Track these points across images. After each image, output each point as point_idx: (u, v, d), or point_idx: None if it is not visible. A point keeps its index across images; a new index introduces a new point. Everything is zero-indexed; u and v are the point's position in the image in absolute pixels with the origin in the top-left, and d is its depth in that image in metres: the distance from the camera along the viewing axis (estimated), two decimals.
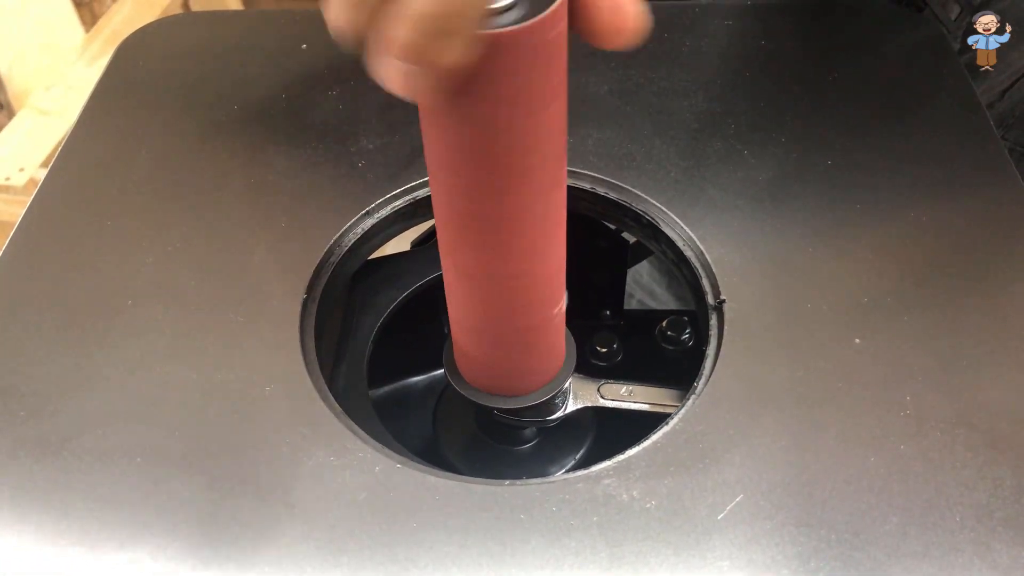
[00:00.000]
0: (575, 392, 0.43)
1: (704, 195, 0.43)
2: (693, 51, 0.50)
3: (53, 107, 1.25)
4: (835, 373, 0.36)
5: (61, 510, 0.33)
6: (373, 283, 0.46)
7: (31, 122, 1.22)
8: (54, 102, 1.26)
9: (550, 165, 0.29)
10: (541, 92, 0.26)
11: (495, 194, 0.29)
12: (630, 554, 0.31)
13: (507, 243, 0.31)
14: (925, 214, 0.41)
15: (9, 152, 1.17)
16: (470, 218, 0.30)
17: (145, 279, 0.40)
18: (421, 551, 0.31)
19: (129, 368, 0.37)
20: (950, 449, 0.33)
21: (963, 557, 0.31)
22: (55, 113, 1.24)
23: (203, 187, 0.44)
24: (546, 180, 0.29)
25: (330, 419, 0.35)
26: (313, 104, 0.48)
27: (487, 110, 0.26)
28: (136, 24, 1.49)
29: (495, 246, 0.31)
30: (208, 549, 0.32)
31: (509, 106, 0.26)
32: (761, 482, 0.33)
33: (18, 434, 0.35)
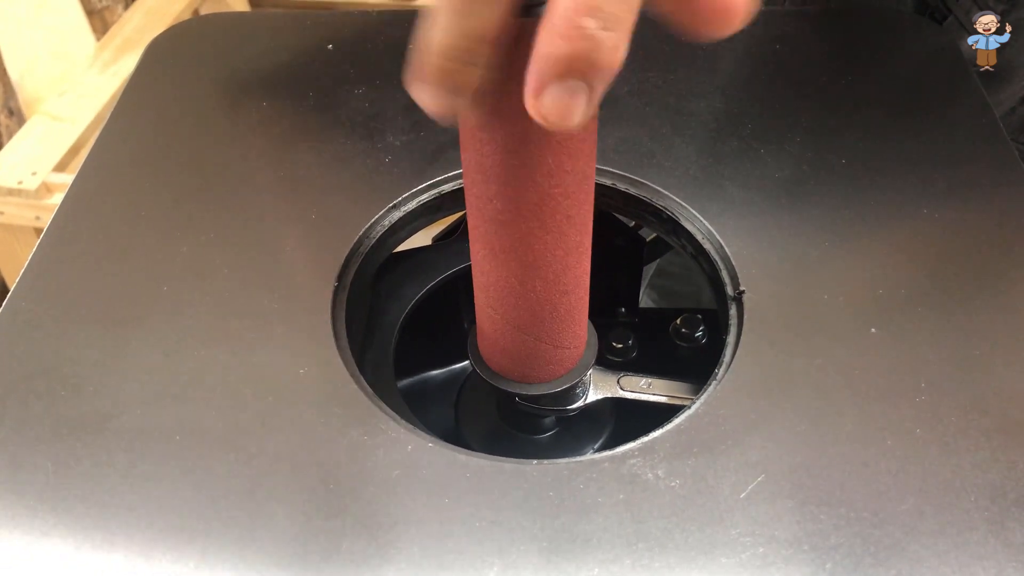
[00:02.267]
0: (595, 383, 0.44)
1: (722, 191, 0.44)
2: (709, 54, 0.51)
3: (66, 113, 1.26)
4: (852, 361, 0.37)
5: (103, 486, 0.34)
6: (398, 275, 0.48)
7: (44, 127, 1.24)
8: (67, 108, 1.27)
9: (584, 160, 0.30)
10: None
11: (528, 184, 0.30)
12: (656, 530, 0.32)
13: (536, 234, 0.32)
14: (937, 212, 0.42)
15: (22, 156, 1.18)
16: (503, 204, 0.31)
17: (179, 267, 0.41)
18: (454, 526, 0.32)
19: (166, 351, 0.38)
20: (964, 433, 0.34)
21: (978, 535, 0.32)
22: (68, 119, 1.25)
23: (234, 181, 0.45)
24: (577, 173, 0.30)
25: (362, 400, 0.36)
26: (340, 102, 0.49)
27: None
28: (147, 32, 1.51)
29: (525, 235, 0.32)
30: (246, 524, 0.33)
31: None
32: (781, 463, 0.34)
33: (60, 413, 0.36)
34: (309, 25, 0.55)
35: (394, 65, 0.51)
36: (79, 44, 1.47)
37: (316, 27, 0.54)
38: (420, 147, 0.46)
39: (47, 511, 0.33)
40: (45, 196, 1.15)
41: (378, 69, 0.51)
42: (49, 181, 1.15)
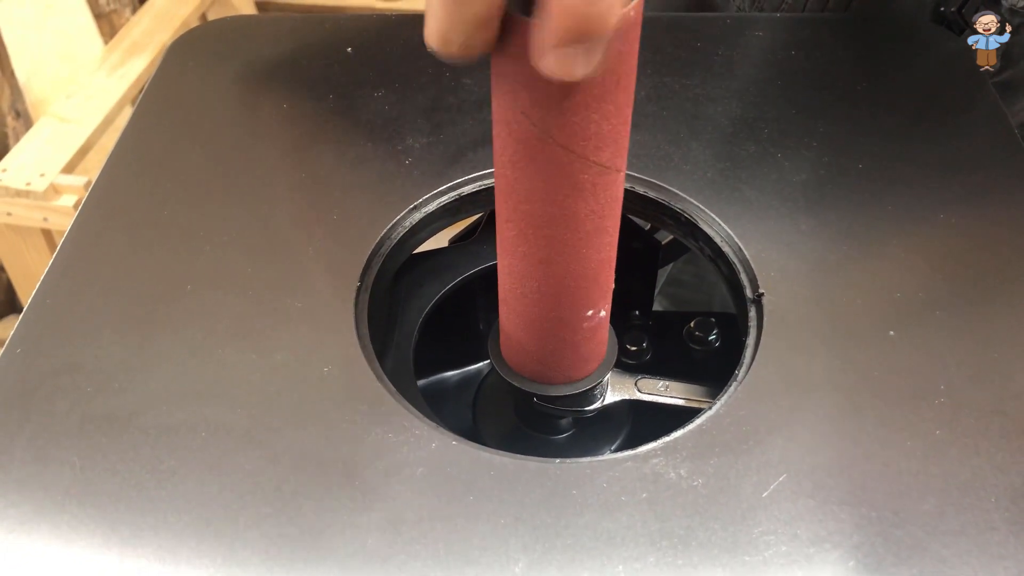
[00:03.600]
0: (613, 385, 0.44)
1: (740, 195, 0.44)
2: (725, 60, 0.52)
3: (73, 115, 1.27)
4: (871, 363, 0.37)
5: (130, 481, 0.34)
6: (417, 276, 0.48)
7: (52, 129, 1.24)
8: (75, 110, 1.27)
9: (622, 155, 0.31)
10: (634, 74, 0.28)
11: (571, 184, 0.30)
12: (679, 528, 0.33)
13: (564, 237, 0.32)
14: (954, 216, 0.43)
15: (31, 158, 1.18)
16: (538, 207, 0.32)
17: (203, 266, 0.42)
18: (479, 523, 0.33)
19: (191, 349, 0.38)
20: (984, 435, 0.35)
21: (998, 535, 0.32)
22: (76, 121, 1.26)
23: (256, 183, 0.46)
24: (614, 170, 0.31)
25: (387, 399, 0.36)
26: (360, 105, 0.50)
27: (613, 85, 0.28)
28: (156, 36, 1.51)
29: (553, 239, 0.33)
30: (273, 520, 0.33)
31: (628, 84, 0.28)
32: (803, 463, 0.34)
33: (86, 409, 0.36)
34: (328, 28, 0.55)
35: (413, 68, 0.52)
36: (86, 46, 1.48)
37: (335, 30, 0.55)
38: (440, 150, 0.47)
39: (74, 506, 0.33)
40: (53, 198, 1.15)
41: (397, 72, 0.51)
42: (57, 183, 1.15)
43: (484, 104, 0.49)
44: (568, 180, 0.30)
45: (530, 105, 0.28)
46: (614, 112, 0.29)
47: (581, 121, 0.28)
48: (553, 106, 0.28)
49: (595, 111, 0.28)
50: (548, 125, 0.28)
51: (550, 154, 0.29)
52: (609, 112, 0.29)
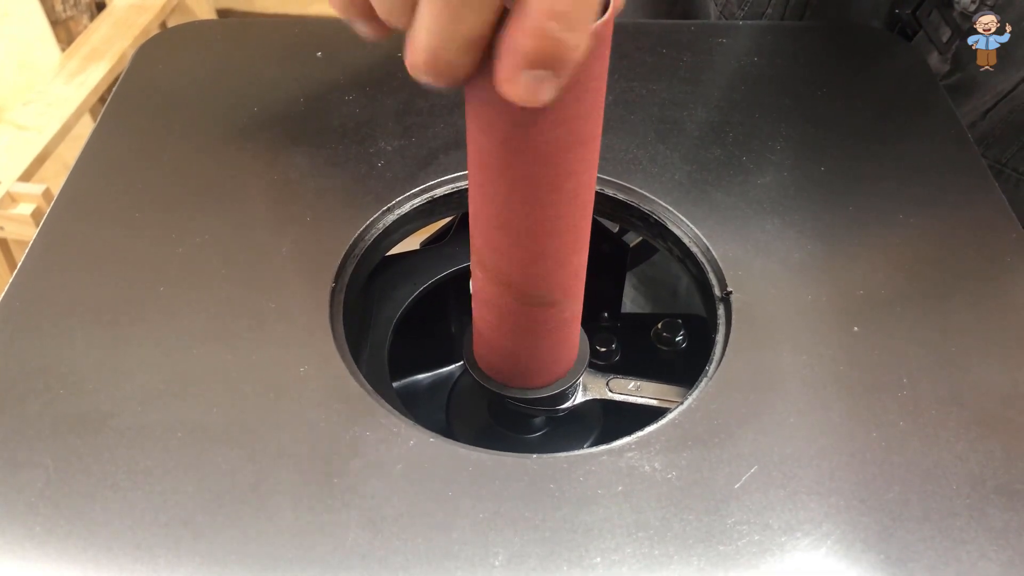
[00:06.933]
0: (585, 385, 0.45)
1: (707, 196, 0.45)
2: (691, 66, 0.53)
3: (31, 123, 1.25)
4: (836, 358, 0.38)
5: (105, 483, 0.34)
6: (389, 278, 0.48)
7: (9, 137, 1.22)
8: (33, 118, 1.26)
9: (593, 164, 0.31)
10: (603, 86, 0.29)
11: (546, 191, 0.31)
12: (654, 519, 0.33)
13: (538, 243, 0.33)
14: (912, 216, 0.44)
15: None
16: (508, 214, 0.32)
17: (176, 268, 0.41)
18: (457, 517, 0.33)
19: (165, 350, 0.38)
20: (944, 425, 0.36)
21: (960, 520, 0.33)
22: (34, 128, 1.24)
23: (227, 186, 0.46)
24: (586, 178, 0.32)
25: (363, 397, 0.37)
26: (331, 108, 0.50)
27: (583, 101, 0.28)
28: (115, 43, 1.49)
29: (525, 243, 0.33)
30: (251, 519, 0.33)
31: (596, 99, 0.28)
32: (773, 455, 0.35)
33: (58, 411, 0.36)
34: (297, 32, 0.55)
35: (384, 72, 0.52)
36: (44, 54, 1.46)
37: (304, 34, 0.55)
38: (412, 152, 0.47)
39: (49, 509, 0.33)
40: (10, 206, 1.13)
41: (368, 76, 0.51)
42: (14, 191, 1.13)
43: (455, 107, 0.49)
44: (540, 187, 0.31)
45: (500, 121, 0.29)
46: (585, 124, 0.29)
47: (553, 137, 0.29)
48: (527, 122, 0.28)
49: (565, 125, 0.29)
50: (520, 139, 0.29)
51: (522, 164, 0.30)
52: (580, 125, 0.29)
